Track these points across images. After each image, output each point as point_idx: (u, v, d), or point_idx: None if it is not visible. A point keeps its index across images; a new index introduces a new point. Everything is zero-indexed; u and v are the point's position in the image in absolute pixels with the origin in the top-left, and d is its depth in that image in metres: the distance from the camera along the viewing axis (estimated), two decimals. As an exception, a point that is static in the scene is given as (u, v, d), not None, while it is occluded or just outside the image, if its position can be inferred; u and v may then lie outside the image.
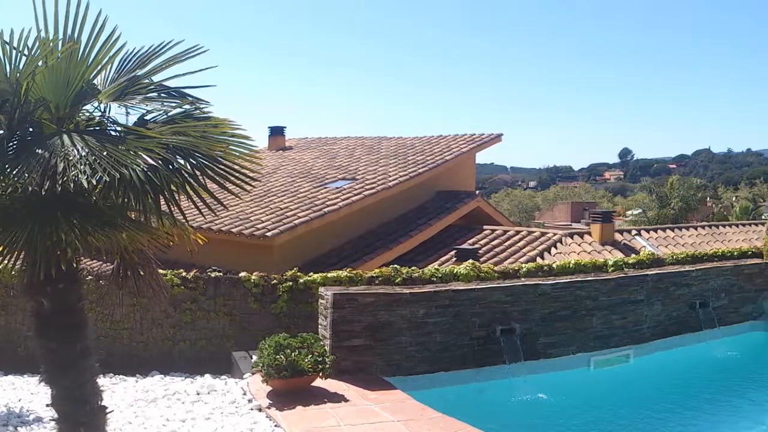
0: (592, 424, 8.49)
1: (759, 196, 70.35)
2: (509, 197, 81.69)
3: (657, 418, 8.74)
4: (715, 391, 9.98)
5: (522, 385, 8.94)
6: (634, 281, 10.58)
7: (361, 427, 6.35)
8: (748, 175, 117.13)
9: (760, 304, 12.48)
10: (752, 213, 46.70)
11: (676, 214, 39.76)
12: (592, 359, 10.01)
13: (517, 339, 9.08)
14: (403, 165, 20.61)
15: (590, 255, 16.41)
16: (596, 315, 10.00)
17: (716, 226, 23.38)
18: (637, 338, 10.51)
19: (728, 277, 12.02)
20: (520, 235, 18.54)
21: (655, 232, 20.82)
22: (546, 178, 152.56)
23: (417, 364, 8.44)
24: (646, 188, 51.43)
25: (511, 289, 9.29)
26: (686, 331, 11.23)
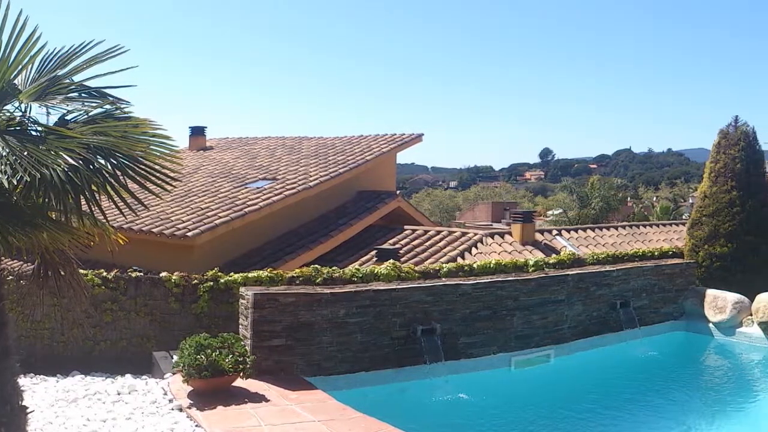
0: (513, 424, 8.92)
1: (679, 196, 73.63)
2: (430, 197, 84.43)
3: (578, 419, 9.20)
4: (635, 391, 10.51)
5: (443, 384, 9.39)
6: (555, 281, 11.17)
7: (282, 427, 6.67)
8: (668, 175, 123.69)
9: (681, 304, 13.25)
10: (673, 213, 48.87)
11: (597, 214, 41.33)
12: (513, 359, 10.53)
13: (437, 339, 9.55)
14: (324, 165, 21.21)
15: (511, 255, 17.17)
16: (517, 315, 10.55)
17: (637, 226, 24.55)
18: (557, 338, 11.10)
19: (649, 277, 12.74)
20: (441, 235, 19.27)
21: (575, 232, 21.78)
22: (467, 178, 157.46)
23: (338, 364, 8.86)
24: (567, 188, 53.23)
25: (432, 289, 9.76)
26: (607, 331, 11.87)
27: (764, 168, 15.42)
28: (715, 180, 14.41)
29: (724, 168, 14.36)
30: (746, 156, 14.40)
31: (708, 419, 9.57)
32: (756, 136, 14.79)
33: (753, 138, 14.71)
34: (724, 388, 11.23)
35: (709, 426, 9.29)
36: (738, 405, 10.20)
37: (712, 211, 14.24)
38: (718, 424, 9.37)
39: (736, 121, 14.71)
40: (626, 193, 66.11)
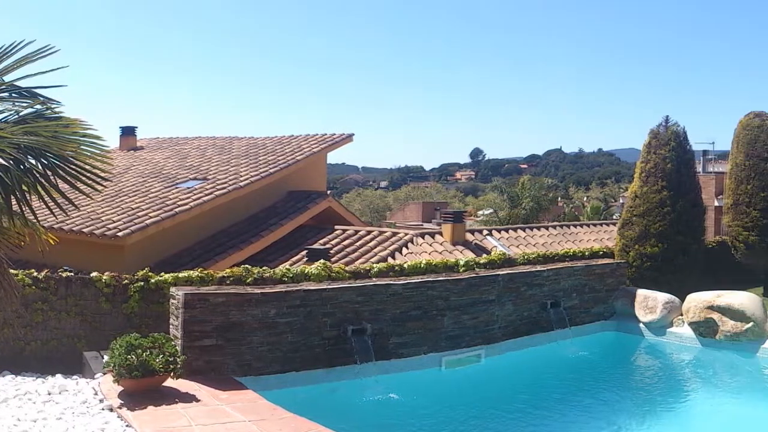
0: (443, 424, 9.30)
1: (610, 196, 76.08)
2: (360, 197, 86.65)
3: (509, 418, 9.59)
4: (566, 391, 11.03)
5: (373, 384, 9.82)
6: (486, 281, 11.66)
7: (213, 427, 6.95)
8: (599, 175, 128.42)
9: (611, 304, 13.81)
10: (603, 213, 50.62)
11: (528, 214, 42.51)
12: (444, 359, 10.99)
13: (368, 339, 10.01)
14: (255, 165, 21.83)
15: (442, 255, 17.79)
16: (447, 315, 11.04)
17: (567, 226, 25.48)
18: (488, 338, 11.60)
19: (579, 278, 13.30)
20: (372, 235, 19.91)
21: (506, 232, 22.56)
22: (397, 178, 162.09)
23: (268, 364, 9.25)
24: (498, 188, 54.42)
25: (363, 289, 10.21)
26: (538, 331, 12.41)
27: (694, 168, 16.24)
28: (646, 180, 15.14)
29: (654, 168, 15.11)
30: (677, 156, 15.16)
31: (638, 419, 9.93)
32: (686, 136, 15.62)
33: (683, 138, 15.50)
34: (654, 388, 11.71)
35: (640, 426, 9.64)
36: (668, 405, 10.66)
37: (643, 211, 14.98)
38: (649, 424, 9.73)
39: (667, 121, 15.49)
40: (557, 193, 67.79)
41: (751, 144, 16.67)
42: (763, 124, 16.79)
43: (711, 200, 30.23)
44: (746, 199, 16.63)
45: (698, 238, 15.56)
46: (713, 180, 32.89)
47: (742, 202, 16.74)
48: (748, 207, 16.62)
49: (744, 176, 16.65)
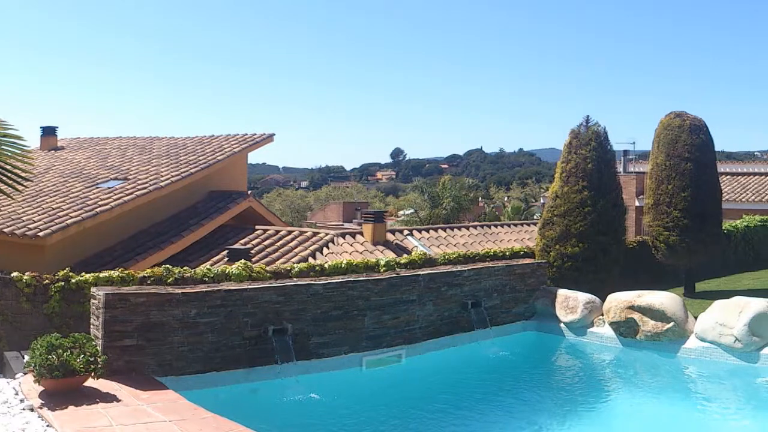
0: (364, 424, 9.75)
1: (531, 196, 78.40)
2: (281, 197, 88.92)
3: (429, 418, 10.09)
4: (487, 391, 11.54)
5: (294, 385, 10.29)
6: (406, 281, 12.24)
7: (134, 427, 7.25)
8: (520, 175, 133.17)
9: (532, 305, 14.43)
10: (524, 213, 52.52)
11: (448, 214, 43.84)
12: (365, 359, 11.55)
13: (289, 339, 10.54)
14: (176, 165, 22.62)
15: (362, 255, 18.53)
16: (368, 315, 11.61)
17: (488, 226, 26.48)
18: (409, 338, 12.19)
19: (500, 277, 13.92)
20: (292, 235, 20.71)
21: (427, 232, 23.48)
22: (318, 178, 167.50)
23: (189, 364, 9.70)
24: (418, 188, 56.01)
25: (283, 289, 10.71)
26: (458, 331, 13.00)
27: (615, 168, 17.10)
28: (567, 180, 15.94)
29: (575, 168, 15.92)
30: (597, 156, 16.00)
31: (559, 419, 10.35)
32: (607, 136, 16.50)
33: (604, 138, 16.36)
34: (575, 388, 12.25)
35: (561, 426, 10.07)
36: (589, 405, 11.17)
37: (564, 211, 15.78)
38: (570, 424, 10.17)
39: (588, 121, 16.34)
40: (477, 193, 70.02)
41: (671, 144, 17.61)
42: (683, 124, 17.73)
43: (632, 200, 31.61)
44: (667, 199, 17.51)
45: (619, 238, 16.40)
46: (634, 180, 34.31)
47: (662, 202, 17.61)
48: (669, 207, 17.51)
49: (665, 176, 17.55)
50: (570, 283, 15.02)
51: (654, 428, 10.58)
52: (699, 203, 17.70)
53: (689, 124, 18.00)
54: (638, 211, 27.24)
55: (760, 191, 38.80)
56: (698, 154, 17.80)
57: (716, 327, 12.23)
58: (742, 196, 37.95)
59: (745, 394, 11.88)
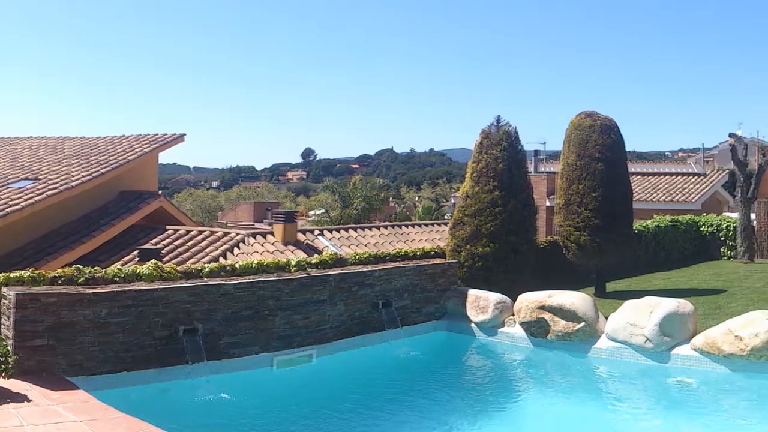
0: (275, 424, 10.22)
1: (441, 196, 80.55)
2: (192, 197, 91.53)
3: (340, 418, 10.53)
4: (398, 391, 12.02)
5: (205, 384, 10.77)
6: (317, 281, 12.83)
7: (44, 427, 7.56)
8: (430, 175, 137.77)
9: (443, 305, 15.07)
10: (435, 213, 53.99)
11: (359, 214, 44.85)
12: (275, 359, 12.08)
13: (199, 339, 11.04)
14: (86, 165, 23.17)
15: (273, 255, 19.11)
16: (279, 315, 12.15)
17: (399, 226, 27.30)
18: (320, 338, 12.75)
19: (411, 277, 14.56)
20: (203, 235, 21.34)
21: (338, 232, 24.21)
22: (229, 178, 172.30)
23: (100, 364, 10.12)
24: (329, 188, 57.44)
25: (194, 289, 11.24)
26: (369, 330, 13.60)
27: (526, 168, 17.67)
28: (478, 180, 16.52)
29: (486, 168, 16.51)
30: (508, 156, 16.60)
31: (470, 419, 10.81)
32: (518, 135, 17.11)
33: (515, 138, 16.97)
34: (486, 388, 12.80)
35: (471, 426, 10.54)
36: (500, 405, 11.69)
37: (475, 211, 16.33)
38: (480, 424, 10.64)
39: (498, 121, 16.96)
40: (388, 193, 71.79)
41: (582, 144, 18.21)
42: (594, 124, 18.34)
43: (542, 200, 32.66)
44: (578, 199, 18.07)
45: (530, 238, 17.01)
46: (545, 180, 35.39)
47: (573, 202, 18.17)
48: (580, 207, 18.06)
49: (575, 176, 18.13)
50: (481, 283, 15.55)
51: (565, 428, 10.99)
52: (610, 203, 18.20)
53: (600, 124, 18.56)
54: (549, 211, 27.96)
55: (670, 191, 40.33)
56: (609, 154, 18.34)
57: (627, 327, 12.78)
58: (653, 196, 39.48)
59: (656, 394, 12.39)
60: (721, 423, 10.74)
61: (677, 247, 27.60)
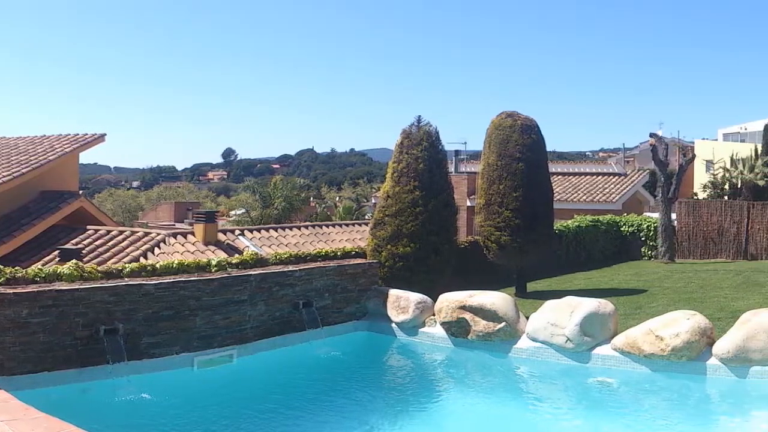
0: (196, 423, 10.50)
1: (362, 196, 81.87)
2: (113, 197, 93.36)
3: (261, 418, 10.82)
4: (319, 391, 12.35)
5: (126, 384, 11.06)
6: (238, 281, 13.22)
7: None
8: (351, 175, 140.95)
9: (364, 305, 15.47)
10: (356, 213, 55.02)
11: (280, 214, 45.65)
12: (196, 359, 12.43)
13: (120, 339, 11.36)
14: (7, 165, 23.52)
15: (194, 255, 19.53)
16: (200, 315, 12.52)
17: (320, 226, 27.94)
18: (240, 338, 13.13)
19: (332, 277, 14.94)
20: (124, 235, 21.80)
21: (258, 232, 24.76)
22: (149, 178, 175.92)
23: (20, 364, 10.42)
24: (250, 188, 58.55)
25: (115, 289, 11.56)
26: (290, 331, 13.97)
27: (447, 168, 18.14)
28: (398, 180, 16.99)
29: (407, 168, 17.00)
30: (429, 156, 17.09)
31: (391, 419, 11.08)
32: (439, 136, 17.61)
33: (436, 138, 17.47)
34: (407, 388, 13.15)
35: (392, 426, 10.80)
36: (421, 405, 11.97)
37: (395, 211, 16.79)
38: (401, 424, 10.90)
39: (419, 121, 17.47)
40: (309, 193, 73.07)
41: (503, 144, 18.70)
42: (515, 124, 18.84)
43: (463, 200, 33.31)
44: (498, 199, 18.56)
45: (450, 238, 17.51)
46: (465, 180, 36.05)
47: (494, 202, 18.66)
48: (501, 207, 18.56)
49: (496, 176, 18.61)
50: (402, 283, 15.96)
51: (485, 428, 11.30)
52: (530, 203, 18.70)
53: (521, 124, 19.05)
54: (470, 211, 28.47)
55: (591, 191, 41.45)
56: (530, 154, 18.84)
57: (548, 327, 13.14)
58: (574, 196, 40.54)
59: (576, 394, 12.75)
60: (642, 423, 11.02)
61: (598, 247, 28.41)
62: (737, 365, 11.70)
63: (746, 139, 70.69)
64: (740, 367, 11.69)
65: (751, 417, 11.19)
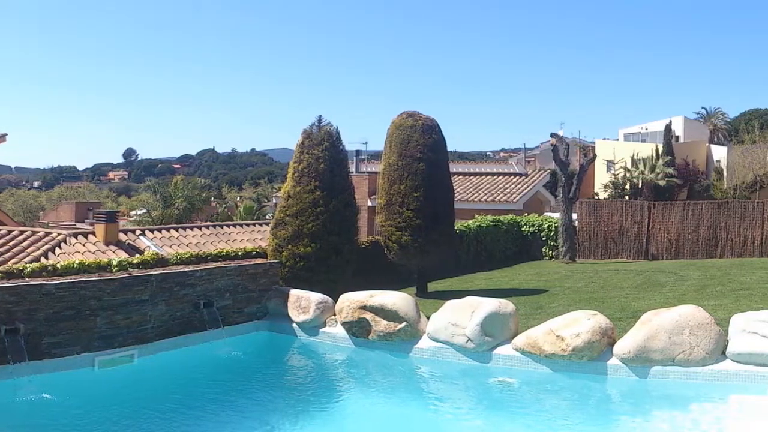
0: (97, 423, 10.80)
1: (263, 196, 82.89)
2: (13, 197, 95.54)
3: (162, 418, 11.09)
4: (219, 391, 12.66)
5: (26, 384, 11.39)
6: (139, 281, 13.62)
7: None
8: (252, 175, 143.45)
9: (264, 305, 15.92)
10: (256, 213, 55.85)
11: (181, 214, 46.21)
12: (97, 359, 12.80)
13: (21, 339, 11.71)
14: None
15: (95, 255, 19.88)
16: (101, 315, 12.91)
17: (221, 226, 28.42)
18: (141, 338, 13.53)
19: (233, 278, 15.39)
20: (25, 235, 22.16)
21: (159, 232, 25.15)
22: (50, 178, 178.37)
23: None
24: (151, 188, 58.95)
25: (16, 289, 11.91)
26: (191, 331, 14.40)
27: (348, 168, 18.66)
28: (299, 180, 17.47)
29: (307, 168, 17.49)
30: (330, 156, 17.62)
31: (292, 419, 11.37)
32: (340, 135, 18.16)
33: (337, 138, 18.01)
34: (308, 388, 13.45)
35: (293, 426, 11.08)
36: (322, 405, 12.26)
37: (296, 211, 17.27)
38: (302, 424, 11.20)
39: (320, 121, 18.00)
40: (210, 193, 73.63)
41: (404, 144, 19.17)
42: (416, 124, 19.33)
43: (364, 200, 33.90)
44: (399, 199, 19.00)
45: (351, 238, 18.06)
46: (367, 180, 36.65)
47: (395, 202, 19.08)
48: (401, 207, 19.00)
49: (397, 176, 19.06)
50: (303, 284, 16.42)
51: (386, 428, 11.63)
52: (431, 203, 19.15)
53: (422, 124, 19.49)
54: (371, 211, 28.92)
55: (492, 191, 42.39)
56: (431, 154, 19.30)
57: (449, 327, 13.49)
58: (475, 196, 41.46)
59: (477, 394, 13.04)
60: (543, 423, 11.28)
61: (499, 247, 29.19)
62: (638, 365, 12.13)
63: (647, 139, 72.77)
64: (641, 367, 12.12)
65: (652, 417, 11.44)
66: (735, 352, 11.81)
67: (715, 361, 11.89)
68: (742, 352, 11.74)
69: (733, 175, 59.10)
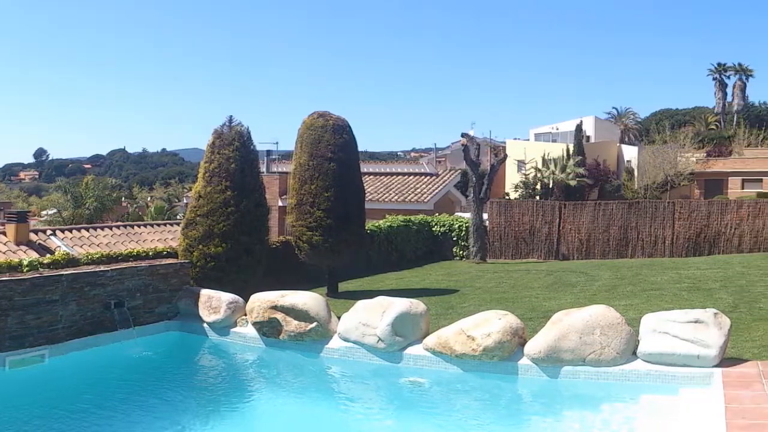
0: (7, 424, 10.89)
1: (174, 196, 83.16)
2: None
3: (73, 418, 11.27)
4: (130, 392, 12.86)
5: None
6: (50, 281, 13.85)
7: None
8: (163, 175, 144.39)
9: (175, 305, 16.22)
10: (167, 213, 56.41)
11: (92, 214, 46.55)
12: (7, 359, 13.02)
13: None
14: None
15: (5, 255, 20.06)
16: (11, 315, 13.16)
17: (132, 226, 28.61)
18: (52, 338, 13.77)
19: (143, 278, 15.66)
20: None
21: (70, 232, 25.32)
22: None
23: None
24: (61, 188, 59.22)
25: None
26: (102, 331, 14.66)
27: (258, 168, 19.03)
28: (210, 180, 17.85)
29: (218, 168, 17.87)
30: (241, 156, 18.03)
31: (202, 419, 11.59)
32: (250, 136, 18.60)
33: (247, 138, 18.44)
34: (218, 388, 13.66)
35: (204, 426, 11.28)
36: (232, 405, 12.46)
37: (207, 211, 17.63)
38: (213, 424, 11.42)
39: (231, 121, 18.42)
40: (121, 193, 73.85)
41: (315, 144, 19.54)
42: (327, 124, 19.73)
43: (275, 200, 34.22)
44: (310, 199, 19.36)
45: (262, 238, 18.48)
46: (277, 180, 36.93)
47: (306, 202, 19.43)
48: (312, 207, 19.36)
49: (308, 176, 19.42)
50: (213, 284, 16.76)
51: (297, 428, 11.80)
52: (342, 203, 19.56)
53: (332, 124, 19.88)
54: (281, 211, 29.36)
55: (403, 191, 42.94)
56: (342, 154, 19.69)
57: (359, 327, 13.72)
58: (386, 196, 41.96)
59: (388, 394, 13.27)
60: (454, 423, 11.44)
61: (410, 247, 29.68)
62: (549, 365, 12.31)
63: (558, 139, 74.16)
64: (552, 367, 12.30)
65: (563, 417, 11.63)
66: (646, 352, 12.01)
67: (626, 361, 12.07)
68: (653, 352, 11.94)
69: (644, 175, 60.80)
